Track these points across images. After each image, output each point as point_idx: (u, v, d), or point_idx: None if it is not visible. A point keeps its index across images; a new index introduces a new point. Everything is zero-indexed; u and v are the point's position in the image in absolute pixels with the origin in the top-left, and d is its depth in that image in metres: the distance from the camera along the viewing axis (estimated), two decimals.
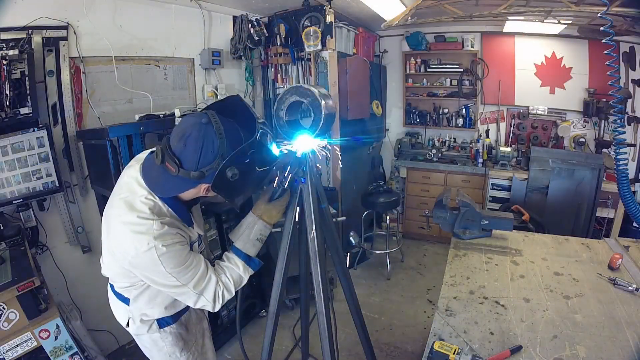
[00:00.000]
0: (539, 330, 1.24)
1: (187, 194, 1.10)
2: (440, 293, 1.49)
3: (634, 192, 3.53)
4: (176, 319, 1.34)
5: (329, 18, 3.11)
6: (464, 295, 1.46)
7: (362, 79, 3.61)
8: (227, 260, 1.21)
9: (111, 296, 1.33)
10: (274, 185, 1.21)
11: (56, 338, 1.66)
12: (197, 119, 1.00)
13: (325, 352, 1.30)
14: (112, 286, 1.29)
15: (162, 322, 1.30)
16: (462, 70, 4.35)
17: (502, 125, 4.37)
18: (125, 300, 1.25)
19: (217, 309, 1.17)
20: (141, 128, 2.02)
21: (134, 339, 1.37)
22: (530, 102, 4.15)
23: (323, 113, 1.13)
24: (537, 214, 3.17)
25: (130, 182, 1.10)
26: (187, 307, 1.34)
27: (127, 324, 1.30)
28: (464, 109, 4.43)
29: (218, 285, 1.15)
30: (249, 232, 1.22)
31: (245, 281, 1.22)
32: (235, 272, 1.19)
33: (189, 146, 0.99)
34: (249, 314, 2.81)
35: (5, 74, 1.75)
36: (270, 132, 1.07)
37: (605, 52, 1.41)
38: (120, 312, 1.31)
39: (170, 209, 1.10)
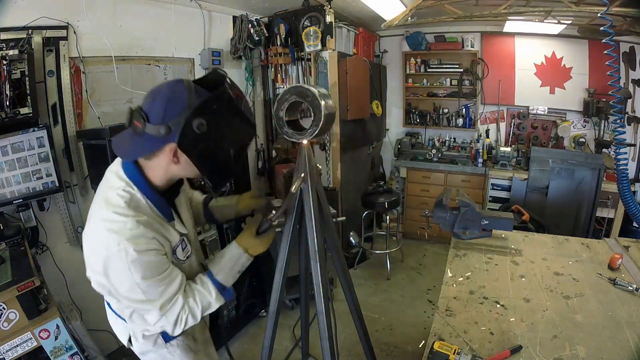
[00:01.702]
0: (539, 330, 1.24)
1: (158, 171, 0.99)
2: (440, 293, 1.49)
3: (634, 192, 3.53)
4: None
5: (329, 18, 3.11)
6: (464, 295, 1.46)
7: (362, 79, 3.61)
8: (200, 284, 1.10)
9: (109, 312, 1.25)
10: (267, 219, 1.17)
11: (56, 338, 1.66)
12: (172, 80, 0.97)
13: (325, 352, 1.30)
14: (108, 304, 1.21)
15: (166, 336, 1.18)
16: (462, 70, 4.35)
17: (502, 125, 4.38)
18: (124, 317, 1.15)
19: (175, 334, 1.06)
20: None
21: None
22: (530, 102, 4.15)
23: (323, 113, 1.13)
24: (537, 214, 3.17)
25: (110, 175, 1.02)
26: None
27: (130, 341, 1.20)
28: (464, 109, 4.43)
29: (183, 310, 1.03)
30: (232, 265, 1.15)
31: (213, 309, 1.11)
32: (206, 299, 1.09)
33: (158, 99, 0.91)
34: (249, 314, 2.81)
35: (5, 74, 1.74)
36: (245, 101, 1.01)
37: (605, 52, 1.41)
38: (119, 328, 1.23)
39: (148, 201, 0.99)
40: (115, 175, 1.00)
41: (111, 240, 0.90)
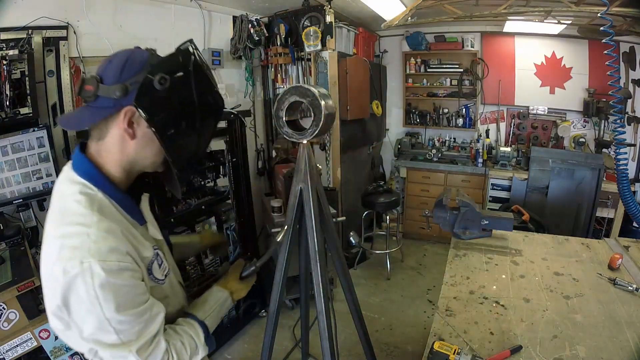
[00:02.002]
0: (539, 330, 1.24)
1: (113, 155, 0.79)
2: (440, 293, 1.49)
3: (634, 192, 3.53)
4: None
5: (329, 18, 3.11)
6: (464, 295, 1.46)
7: (362, 79, 3.61)
8: (185, 325, 0.91)
9: None
10: (250, 264, 1.13)
11: (56, 338, 1.66)
12: None
13: (325, 352, 1.30)
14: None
15: None
16: (462, 70, 4.35)
17: (502, 125, 4.38)
18: None
19: None
20: None
21: None
22: (530, 102, 4.15)
23: (323, 113, 1.13)
24: (537, 214, 3.17)
25: (60, 185, 0.81)
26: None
27: None
28: (464, 109, 4.44)
29: (168, 354, 0.80)
30: (219, 310, 1.01)
31: (199, 358, 0.91)
32: (194, 344, 0.88)
33: (114, 60, 0.77)
34: (249, 314, 2.81)
35: (5, 74, 1.74)
36: (212, 75, 0.87)
37: (605, 52, 1.41)
38: None
39: (113, 202, 0.79)
40: (66, 181, 0.80)
41: (70, 260, 0.68)
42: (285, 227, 1.23)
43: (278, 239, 1.18)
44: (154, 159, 0.84)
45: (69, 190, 0.77)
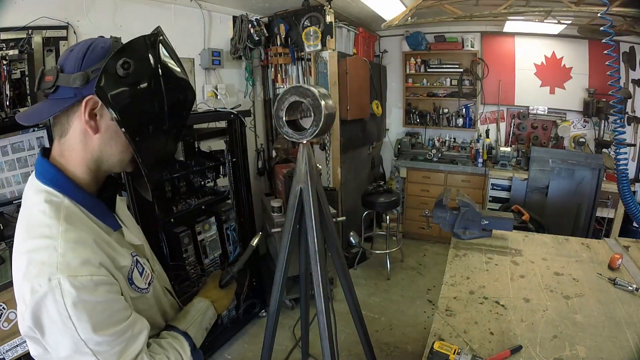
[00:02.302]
0: (539, 330, 1.24)
1: (76, 153, 0.73)
2: (440, 293, 1.49)
3: (634, 192, 3.53)
4: None
5: (329, 18, 3.11)
6: (464, 295, 1.46)
7: (362, 79, 3.61)
8: (170, 338, 0.85)
9: None
10: (226, 271, 1.10)
11: None
12: None
13: (325, 352, 1.30)
14: None
15: None
16: (462, 70, 4.36)
17: (502, 125, 4.38)
18: None
19: None
20: None
21: None
22: (530, 102, 4.15)
23: (323, 113, 1.13)
24: (537, 214, 3.17)
25: (25, 196, 0.74)
26: None
27: None
28: (464, 109, 4.44)
29: None
30: (201, 319, 0.95)
31: None
32: (180, 357, 0.82)
33: (76, 49, 0.71)
34: (249, 314, 2.81)
35: (5, 74, 1.75)
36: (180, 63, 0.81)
37: (605, 52, 1.41)
38: None
39: (82, 208, 0.72)
40: (30, 190, 0.73)
41: (37, 277, 0.62)
42: (260, 234, 1.22)
43: (253, 244, 1.16)
44: (120, 156, 0.76)
45: (34, 200, 0.71)
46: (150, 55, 0.72)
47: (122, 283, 0.73)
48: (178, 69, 0.79)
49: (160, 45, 0.75)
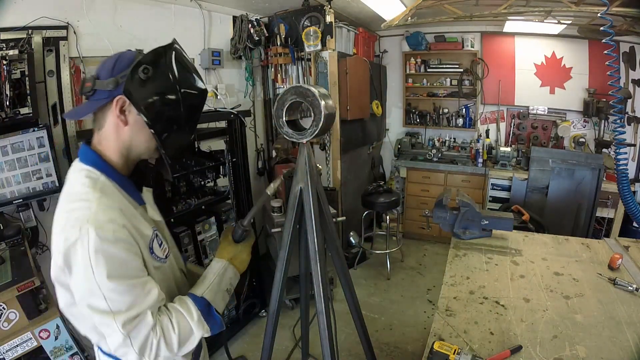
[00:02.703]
0: (539, 330, 1.24)
1: (110, 142, 0.89)
2: (440, 293, 1.49)
3: (634, 192, 3.53)
4: None
5: (329, 18, 3.11)
6: (464, 295, 1.46)
7: (362, 79, 3.61)
8: (177, 303, 0.91)
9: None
10: (238, 225, 1.08)
11: (56, 338, 1.66)
12: None
13: (325, 352, 1.30)
14: (99, 348, 0.96)
15: None
16: (462, 70, 4.36)
17: (502, 125, 4.38)
18: None
19: None
20: None
21: None
22: (530, 102, 4.15)
23: (323, 113, 1.13)
24: (537, 214, 3.17)
25: (69, 175, 0.90)
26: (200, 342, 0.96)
27: None
28: (464, 109, 4.44)
29: (153, 332, 0.81)
30: (219, 280, 0.99)
31: (195, 341, 0.89)
32: (185, 321, 0.87)
33: (108, 61, 0.88)
34: (249, 313, 2.81)
35: (5, 74, 1.74)
36: (190, 63, 0.95)
37: (605, 52, 1.41)
38: None
39: (115, 184, 0.88)
40: (74, 171, 0.90)
41: (72, 227, 0.77)
42: (279, 180, 1.20)
43: (269, 192, 1.16)
44: (147, 145, 0.92)
45: (76, 176, 0.87)
46: (165, 61, 0.88)
47: (144, 251, 0.87)
48: (190, 71, 0.94)
49: (174, 52, 0.91)
